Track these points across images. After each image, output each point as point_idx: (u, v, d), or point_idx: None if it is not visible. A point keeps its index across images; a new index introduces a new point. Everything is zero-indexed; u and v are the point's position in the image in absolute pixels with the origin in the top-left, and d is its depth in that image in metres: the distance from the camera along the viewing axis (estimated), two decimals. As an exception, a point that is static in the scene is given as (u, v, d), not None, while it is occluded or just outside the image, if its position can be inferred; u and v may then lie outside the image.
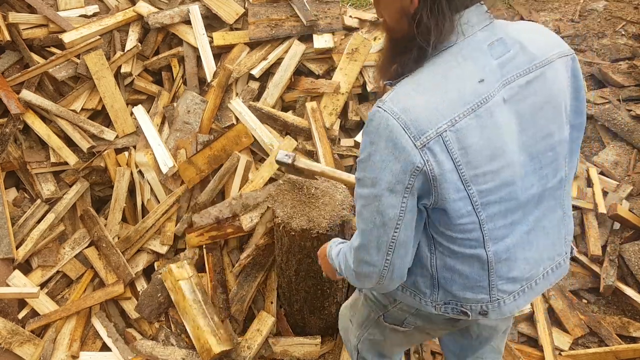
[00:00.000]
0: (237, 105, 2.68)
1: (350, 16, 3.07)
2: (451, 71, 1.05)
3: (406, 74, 1.10)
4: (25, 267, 2.49)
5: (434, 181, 1.04)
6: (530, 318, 2.40)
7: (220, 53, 2.88)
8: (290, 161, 1.89)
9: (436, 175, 1.03)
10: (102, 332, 2.35)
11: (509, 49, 1.08)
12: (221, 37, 2.83)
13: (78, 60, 2.67)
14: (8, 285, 2.33)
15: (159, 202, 2.57)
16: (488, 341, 1.58)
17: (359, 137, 2.72)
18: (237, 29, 2.91)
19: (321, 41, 2.80)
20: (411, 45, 1.07)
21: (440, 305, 1.27)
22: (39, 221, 2.54)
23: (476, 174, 1.06)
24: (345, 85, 2.73)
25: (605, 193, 2.85)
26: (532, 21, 1.15)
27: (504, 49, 1.08)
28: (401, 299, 1.35)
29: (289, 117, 2.68)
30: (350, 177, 1.83)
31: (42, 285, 2.46)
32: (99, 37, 2.72)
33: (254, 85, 2.78)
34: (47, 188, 2.59)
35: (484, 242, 1.14)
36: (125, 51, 2.78)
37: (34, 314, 2.37)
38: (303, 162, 1.91)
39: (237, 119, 2.67)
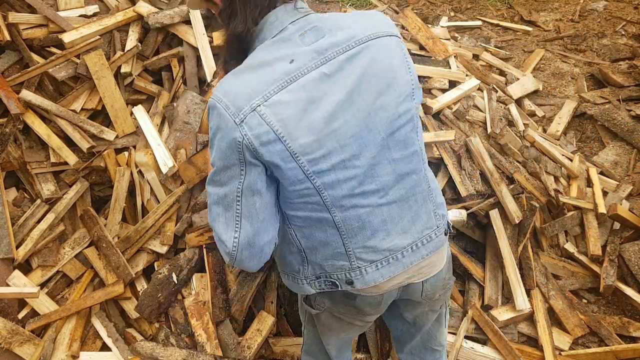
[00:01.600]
0: (237, 105, 2.68)
1: (350, 16, 3.06)
2: (264, 58, 1.19)
3: (232, 65, 1.26)
4: (25, 267, 2.49)
5: (255, 152, 1.16)
6: (530, 318, 2.40)
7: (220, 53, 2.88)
8: None
9: (256, 147, 1.15)
10: (102, 332, 2.35)
11: (323, 35, 1.20)
12: (221, 37, 2.83)
13: (78, 60, 2.67)
14: (8, 285, 2.33)
15: (159, 202, 2.57)
16: (423, 327, 1.63)
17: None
18: (237, 29, 2.91)
19: (321, 41, 2.79)
20: (229, 40, 1.28)
21: (314, 281, 1.36)
22: (39, 221, 2.54)
23: (301, 144, 1.16)
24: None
25: (605, 193, 2.85)
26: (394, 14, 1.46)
27: (318, 35, 1.20)
28: (289, 286, 1.46)
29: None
30: None
31: (42, 285, 2.46)
32: (99, 37, 2.72)
33: (254, 85, 2.77)
34: (47, 188, 2.59)
35: (326, 206, 1.23)
36: (125, 51, 2.77)
37: (34, 313, 2.37)
38: None
39: (237, 119, 2.66)
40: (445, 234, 1.40)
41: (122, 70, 2.77)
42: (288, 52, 1.18)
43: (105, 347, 2.34)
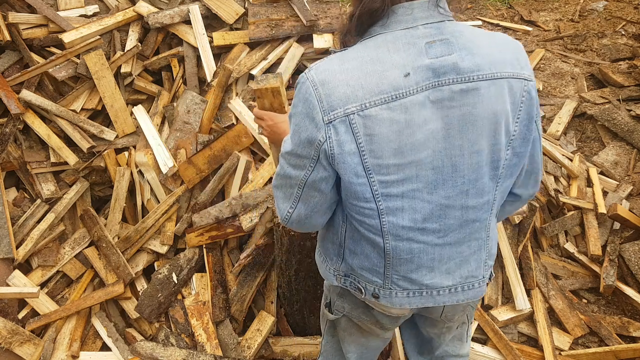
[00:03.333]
0: (237, 105, 2.68)
1: (350, 16, 3.07)
2: (379, 57, 1.05)
3: (347, 45, 1.12)
4: (25, 267, 2.49)
5: (331, 158, 1.08)
6: (530, 318, 2.40)
7: (220, 53, 2.88)
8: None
9: (335, 154, 1.07)
10: (102, 332, 2.35)
11: (451, 52, 1.06)
12: (221, 37, 2.83)
13: (78, 60, 2.67)
14: (8, 285, 2.33)
15: (159, 202, 2.57)
16: (440, 346, 1.62)
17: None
18: (237, 29, 2.92)
19: (321, 41, 2.80)
20: (359, 15, 1.09)
21: (341, 277, 1.34)
22: (39, 221, 2.54)
23: (379, 164, 1.08)
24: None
25: (605, 193, 2.85)
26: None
27: (446, 50, 1.06)
28: (316, 261, 1.44)
29: (289, 117, 2.68)
30: None
31: (42, 285, 2.46)
32: (99, 37, 2.72)
33: (254, 85, 2.78)
34: (47, 188, 2.59)
35: (382, 232, 1.17)
36: (125, 51, 2.78)
37: (34, 313, 2.38)
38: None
39: (237, 119, 2.67)
40: (487, 285, 1.33)
41: (122, 70, 2.77)
42: (408, 59, 1.04)
43: (105, 347, 2.34)
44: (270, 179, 2.49)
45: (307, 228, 1.27)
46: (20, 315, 2.34)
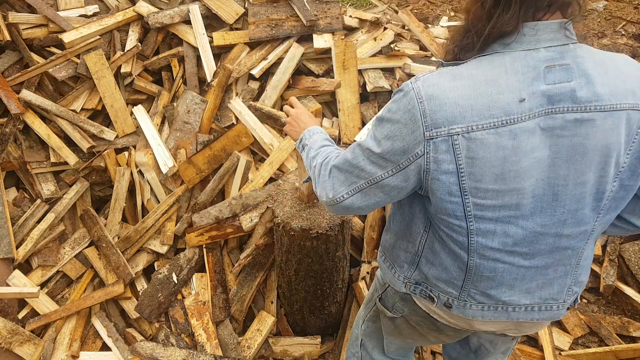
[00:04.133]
0: (237, 105, 2.68)
1: (350, 16, 3.07)
2: (494, 78, 1.01)
3: (460, 59, 1.09)
4: (25, 267, 2.49)
5: (425, 173, 1.06)
6: (530, 318, 2.40)
7: (220, 53, 2.88)
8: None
9: (430, 170, 1.05)
10: (102, 332, 2.35)
11: (570, 79, 1.01)
12: (221, 37, 2.83)
13: (78, 60, 2.67)
14: (8, 285, 2.33)
15: (159, 202, 2.57)
16: (485, 357, 1.59)
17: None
18: (237, 29, 2.92)
19: (321, 41, 2.80)
20: (473, 31, 1.06)
21: (412, 284, 1.31)
22: (39, 221, 2.54)
23: (477, 187, 1.05)
24: (353, 97, 2.71)
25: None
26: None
27: (565, 76, 1.01)
28: (380, 267, 1.41)
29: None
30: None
31: (42, 285, 2.46)
32: (99, 37, 2.72)
33: (254, 85, 2.78)
34: (47, 188, 2.59)
35: (468, 250, 1.15)
36: (125, 51, 2.78)
37: (34, 313, 2.38)
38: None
39: (237, 119, 2.67)
40: (568, 309, 1.29)
41: (122, 70, 2.77)
42: (525, 84, 1.00)
43: (105, 347, 2.34)
44: (271, 179, 2.49)
45: (348, 214, 1.23)
46: (20, 315, 2.34)
